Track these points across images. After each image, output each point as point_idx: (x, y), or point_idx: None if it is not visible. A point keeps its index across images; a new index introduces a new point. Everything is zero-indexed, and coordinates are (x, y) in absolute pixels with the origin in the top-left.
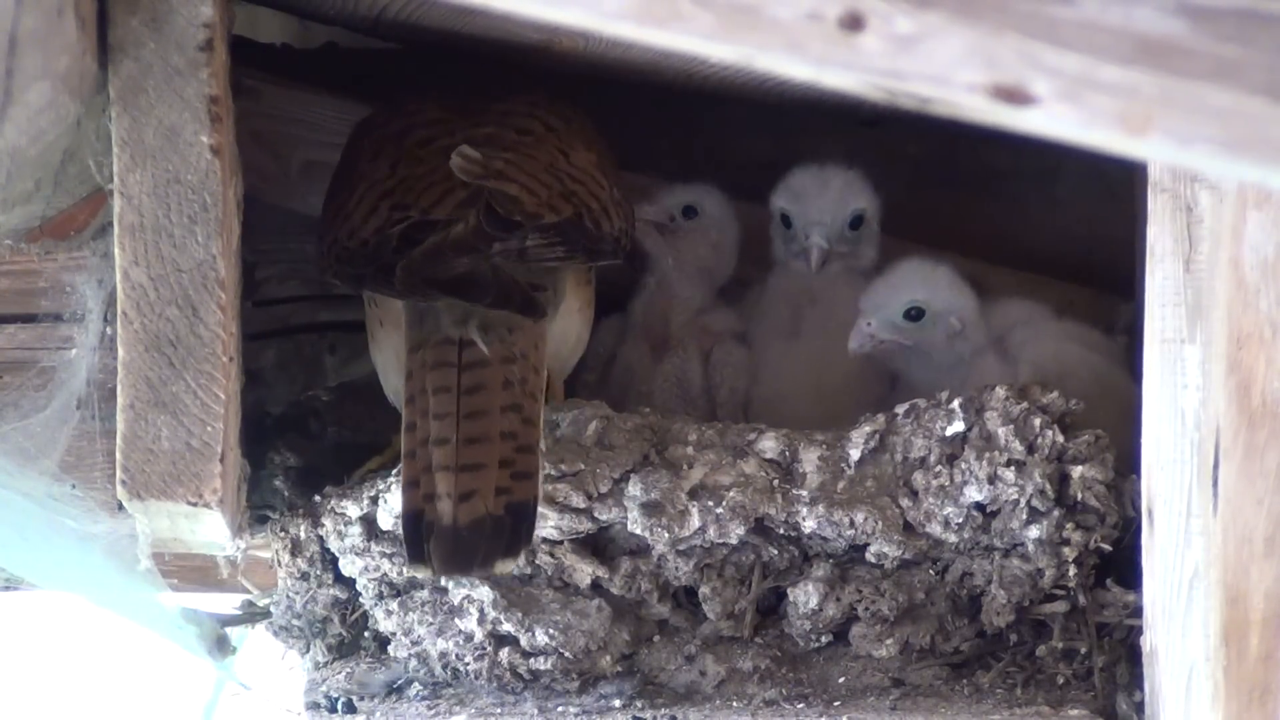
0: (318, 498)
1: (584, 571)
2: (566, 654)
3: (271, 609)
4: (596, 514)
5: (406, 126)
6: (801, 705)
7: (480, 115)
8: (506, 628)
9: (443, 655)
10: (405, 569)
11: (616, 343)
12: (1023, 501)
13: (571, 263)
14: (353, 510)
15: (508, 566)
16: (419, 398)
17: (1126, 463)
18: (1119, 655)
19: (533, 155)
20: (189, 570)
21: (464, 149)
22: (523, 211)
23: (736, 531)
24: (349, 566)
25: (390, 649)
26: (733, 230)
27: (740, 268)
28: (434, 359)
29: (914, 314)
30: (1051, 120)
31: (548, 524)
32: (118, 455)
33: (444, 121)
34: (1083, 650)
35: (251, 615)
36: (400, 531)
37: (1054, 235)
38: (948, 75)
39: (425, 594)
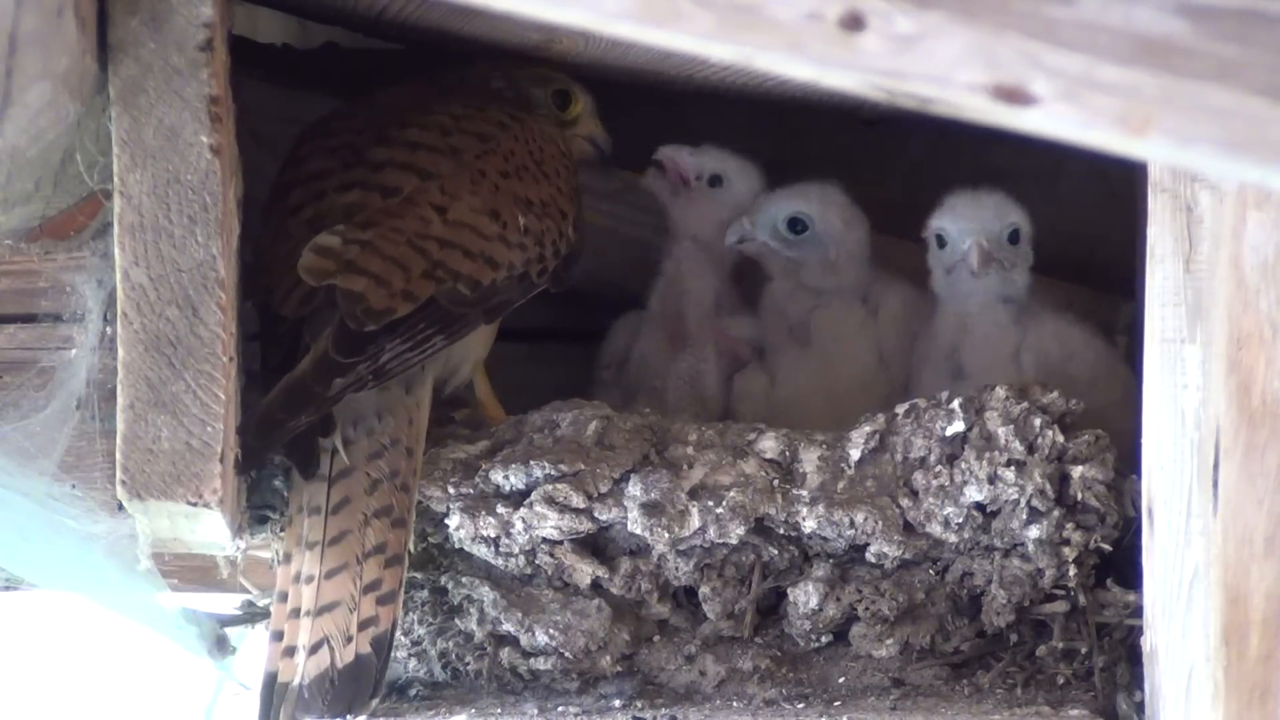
0: None
1: (584, 571)
2: (566, 654)
3: (271, 609)
4: (596, 514)
5: (292, 180)
6: (801, 705)
7: (359, 163)
8: (506, 628)
9: (443, 655)
10: None
11: (631, 339)
12: (1023, 501)
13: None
14: None
15: (362, 716)
16: (296, 520)
17: (1127, 463)
18: (1119, 655)
19: (395, 228)
20: (189, 570)
21: (318, 241)
22: (369, 310)
23: (736, 531)
24: None
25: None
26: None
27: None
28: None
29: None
30: (1051, 120)
31: (547, 524)
32: (118, 455)
33: (320, 177)
34: (1083, 650)
35: (251, 615)
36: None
37: (1054, 235)
38: (948, 75)
39: (425, 594)
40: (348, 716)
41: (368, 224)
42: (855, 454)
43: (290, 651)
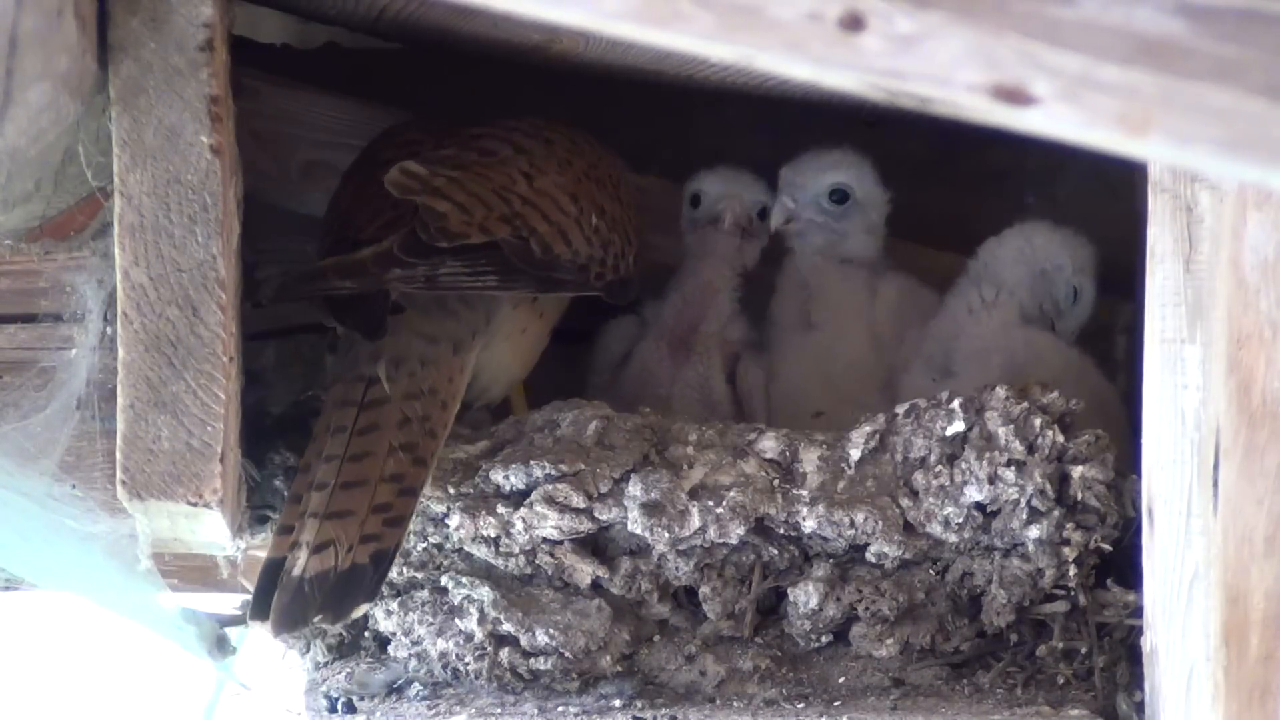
0: None
1: (584, 571)
2: (566, 654)
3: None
4: (596, 514)
5: (384, 145)
6: (801, 705)
7: (454, 137)
8: (506, 628)
9: (443, 655)
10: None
11: (629, 345)
12: (1023, 501)
13: (512, 292)
14: None
15: (345, 619)
16: (320, 437)
17: (1126, 463)
18: (1119, 655)
19: (485, 175)
20: (189, 570)
21: (406, 164)
22: (446, 230)
23: (736, 531)
24: None
25: (390, 649)
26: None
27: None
28: (342, 396)
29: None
30: (1051, 120)
31: (547, 524)
32: (118, 455)
33: (415, 143)
34: (1083, 650)
35: None
36: (255, 580)
37: None
38: (948, 75)
39: (425, 594)
40: (331, 618)
41: (458, 167)
42: (855, 454)
43: (295, 546)
